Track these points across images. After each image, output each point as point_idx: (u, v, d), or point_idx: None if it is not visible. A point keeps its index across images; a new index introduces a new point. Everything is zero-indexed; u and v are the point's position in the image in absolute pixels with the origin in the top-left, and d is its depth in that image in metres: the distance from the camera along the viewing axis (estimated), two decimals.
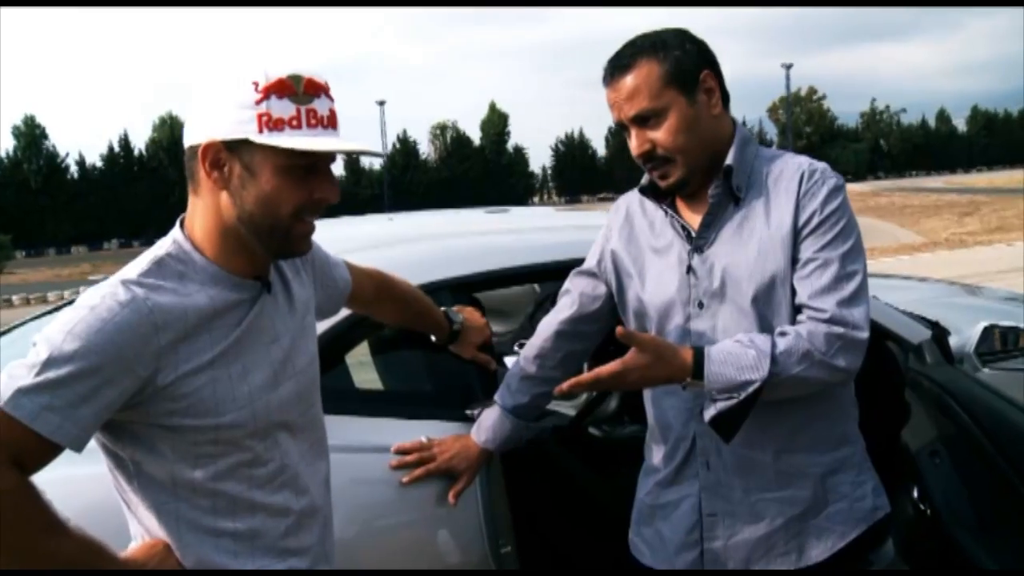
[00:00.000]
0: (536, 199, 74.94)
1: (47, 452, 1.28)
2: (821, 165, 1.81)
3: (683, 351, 1.69)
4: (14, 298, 20.87)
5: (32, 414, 1.25)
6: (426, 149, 70.71)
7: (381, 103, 62.85)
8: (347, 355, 2.26)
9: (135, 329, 1.31)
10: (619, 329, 1.68)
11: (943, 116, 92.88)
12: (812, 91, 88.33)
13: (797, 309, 1.74)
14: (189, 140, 1.41)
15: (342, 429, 2.00)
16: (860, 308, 1.70)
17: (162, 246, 1.44)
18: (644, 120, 1.77)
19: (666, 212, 1.87)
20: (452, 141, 70.85)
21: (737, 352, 1.66)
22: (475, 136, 71.87)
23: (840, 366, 1.68)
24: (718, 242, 1.80)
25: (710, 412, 1.67)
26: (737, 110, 1.90)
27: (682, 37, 1.80)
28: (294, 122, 1.37)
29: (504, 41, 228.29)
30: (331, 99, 1.42)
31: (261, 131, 1.35)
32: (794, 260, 1.74)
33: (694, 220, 1.84)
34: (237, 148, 1.37)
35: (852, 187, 57.34)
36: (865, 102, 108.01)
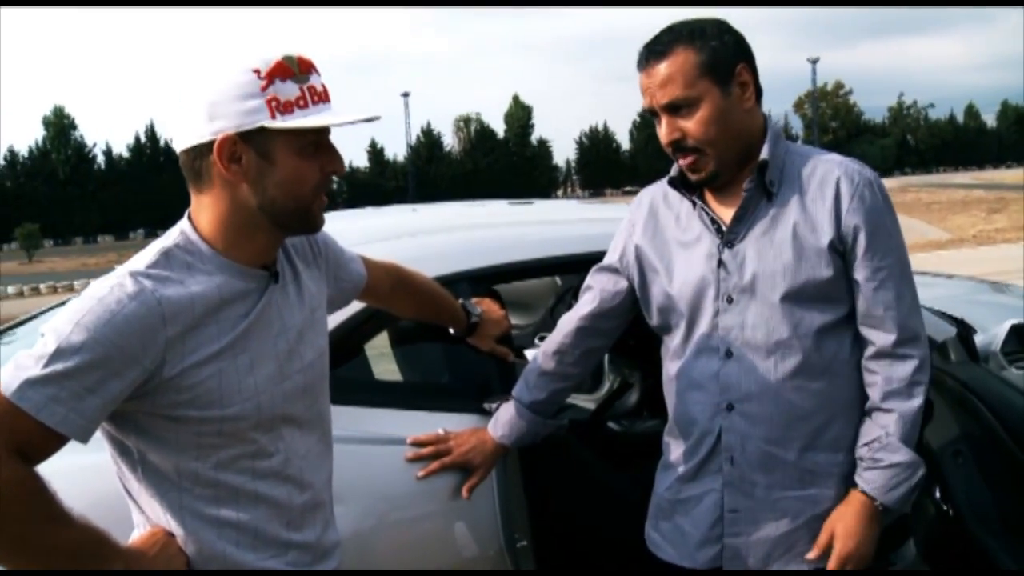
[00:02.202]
0: (560, 192, 74.76)
1: (52, 443, 1.28)
2: (856, 166, 1.80)
3: (850, 507, 1.78)
4: (42, 286, 21.14)
5: (38, 405, 1.25)
6: (450, 141, 70.81)
7: (405, 95, 62.92)
8: (364, 347, 2.26)
9: (143, 321, 1.31)
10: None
11: (972, 111, 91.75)
12: (839, 86, 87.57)
13: (859, 316, 1.80)
14: (189, 141, 1.39)
15: (359, 420, 2.00)
16: (919, 318, 1.82)
17: (169, 237, 1.44)
18: (676, 109, 1.75)
19: (695, 204, 1.85)
20: (476, 133, 70.85)
21: (891, 475, 1.75)
22: (499, 128, 71.88)
23: (927, 382, 1.81)
24: (749, 237, 1.79)
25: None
26: (762, 104, 1.88)
27: (720, 28, 1.78)
28: (301, 102, 1.37)
29: (528, 34, 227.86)
30: (319, 74, 1.43)
31: (274, 116, 1.35)
32: (850, 269, 1.77)
33: (724, 213, 1.82)
34: (251, 138, 1.36)
35: None
36: (892, 97, 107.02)
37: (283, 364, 1.48)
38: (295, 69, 1.38)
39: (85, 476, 1.55)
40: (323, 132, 1.43)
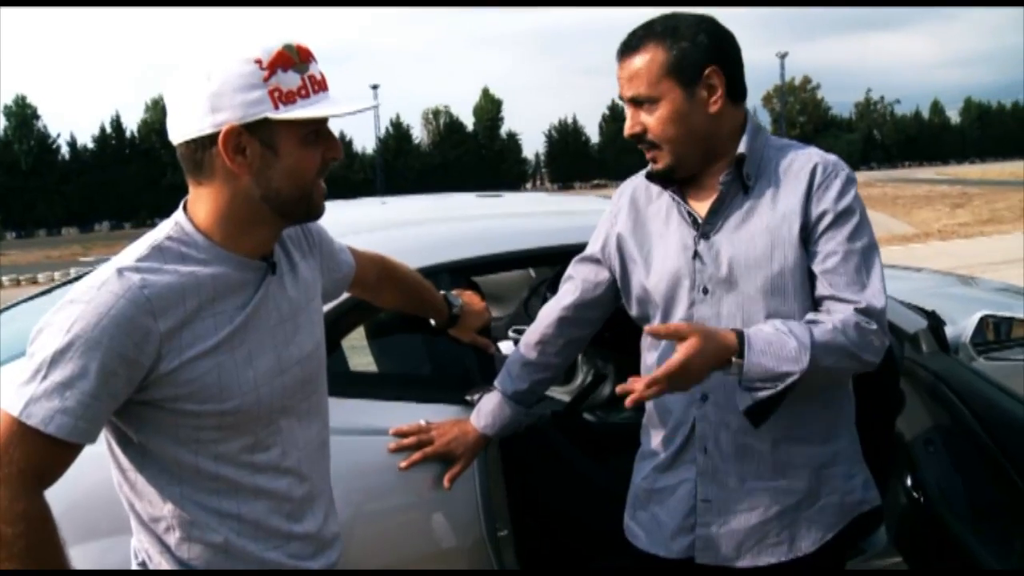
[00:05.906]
0: (529, 185, 74.63)
1: (68, 454, 1.31)
2: (832, 158, 1.82)
3: (724, 332, 1.66)
4: (5, 279, 20.74)
5: (46, 420, 1.26)
6: (419, 134, 70.48)
7: (375, 87, 62.51)
8: (347, 338, 2.26)
9: (132, 320, 1.31)
10: (648, 328, 1.72)
11: (937, 107, 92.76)
12: (806, 80, 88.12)
13: (818, 300, 1.75)
14: (189, 133, 1.37)
15: (342, 411, 2.00)
16: (883, 301, 1.73)
17: (163, 229, 1.43)
18: (639, 103, 1.79)
19: (672, 197, 1.87)
20: (445, 126, 70.56)
21: (776, 341, 1.64)
22: (468, 121, 71.67)
23: (867, 360, 1.71)
24: (725, 229, 1.81)
25: (746, 402, 1.67)
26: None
27: (698, 27, 1.78)
28: (303, 91, 1.38)
29: (498, 26, 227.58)
30: (317, 62, 1.43)
31: (277, 107, 1.35)
32: (811, 251, 1.75)
33: (701, 206, 1.84)
34: (255, 129, 1.36)
35: None
36: (859, 92, 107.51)
37: (282, 356, 1.49)
38: (295, 58, 1.38)
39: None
40: (324, 120, 1.43)
